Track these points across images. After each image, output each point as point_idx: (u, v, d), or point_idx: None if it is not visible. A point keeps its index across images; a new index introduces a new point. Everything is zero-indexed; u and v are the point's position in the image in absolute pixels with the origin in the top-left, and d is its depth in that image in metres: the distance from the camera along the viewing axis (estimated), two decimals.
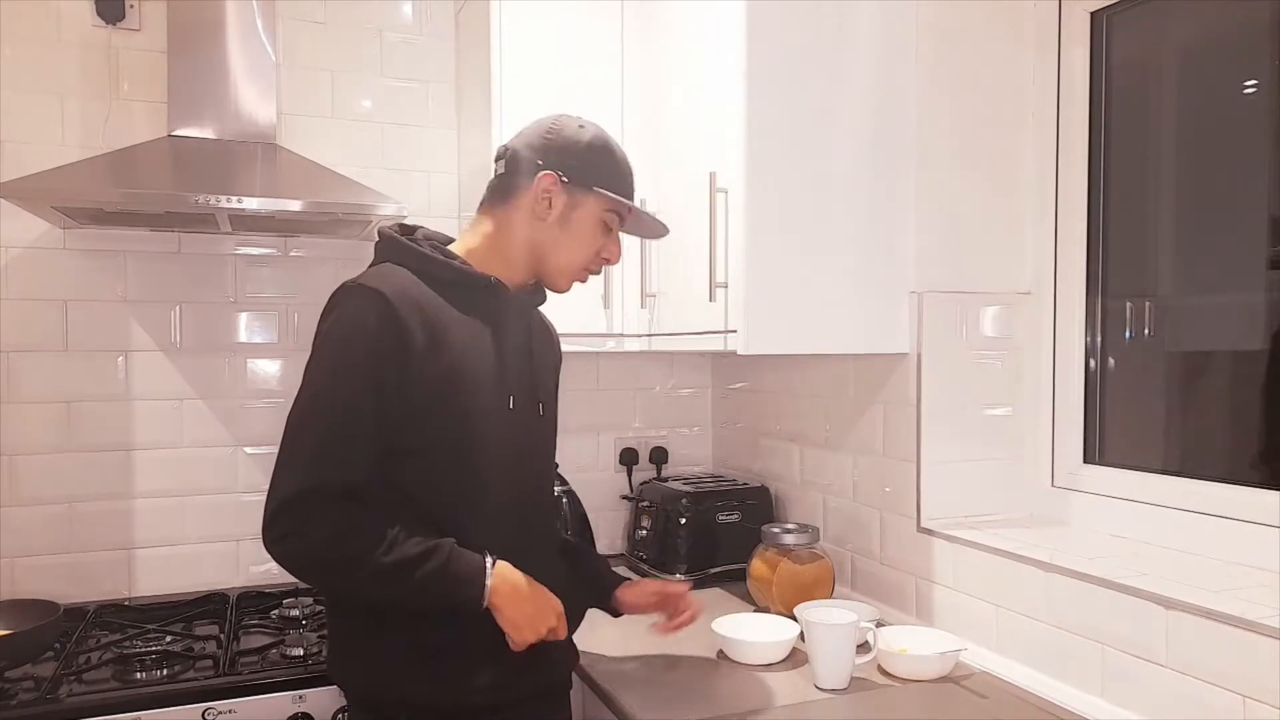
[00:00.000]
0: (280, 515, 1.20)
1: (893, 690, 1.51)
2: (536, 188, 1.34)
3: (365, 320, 1.23)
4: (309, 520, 1.20)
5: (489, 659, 1.29)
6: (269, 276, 2.25)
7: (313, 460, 1.22)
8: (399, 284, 1.27)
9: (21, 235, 2.05)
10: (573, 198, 1.34)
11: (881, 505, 1.89)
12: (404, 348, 1.23)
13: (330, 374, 1.24)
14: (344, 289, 1.27)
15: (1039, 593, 1.53)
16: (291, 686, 1.67)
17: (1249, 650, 1.20)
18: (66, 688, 1.61)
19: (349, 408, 1.22)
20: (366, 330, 1.22)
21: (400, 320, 1.23)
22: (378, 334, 1.22)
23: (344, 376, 1.23)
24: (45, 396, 2.07)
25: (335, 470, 1.22)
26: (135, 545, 2.14)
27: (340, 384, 1.23)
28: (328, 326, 1.26)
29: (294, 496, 1.20)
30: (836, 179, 1.71)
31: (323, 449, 1.22)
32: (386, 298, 1.23)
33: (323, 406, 1.23)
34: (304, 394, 1.25)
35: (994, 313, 1.81)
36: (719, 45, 1.72)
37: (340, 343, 1.24)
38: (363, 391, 1.22)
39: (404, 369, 1.23)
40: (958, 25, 1.78)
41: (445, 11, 2.39)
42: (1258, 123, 1.52)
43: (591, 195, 1.34)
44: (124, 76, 2.12)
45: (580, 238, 1.36)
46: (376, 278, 1.27)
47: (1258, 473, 1.48)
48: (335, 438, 1.22)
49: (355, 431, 1.22)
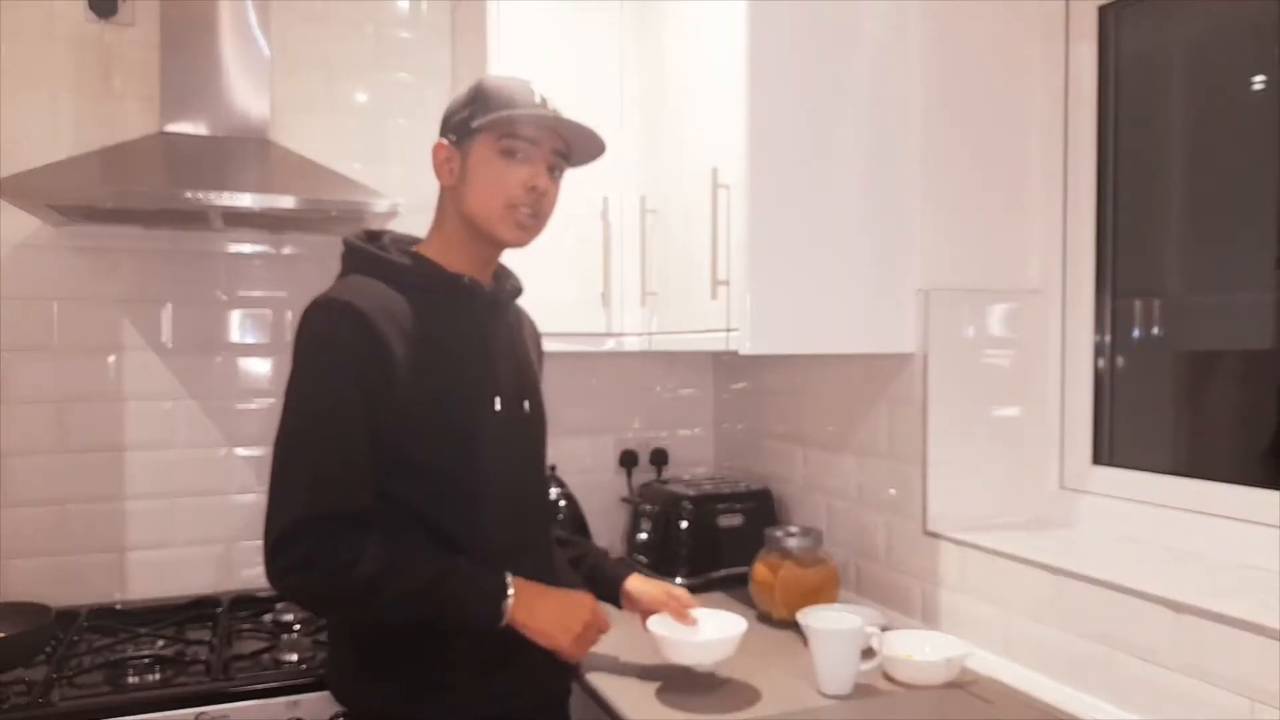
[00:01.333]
0: (280, 549, 1.18)
1: (897, 696, 1.49)
2: (436, 162, 1.34)
3: (341, 336, 1.20)
4: (312, 554, 1.17)
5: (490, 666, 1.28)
6: (261, 274, 2.23)
7: (308, 489, 1.19)
8: (371, 295, 1.24)
9: (12, 232, 2.04)
10: (463, 150, 1.31)
11: (886, 508, 1.86)
12: (384, 360, 1.21)
13: (314, 397, 1.21)
14: (315, 305, 1.23)
15: (1046, 597, 1.51)
16: (285, 692, 1.66)
17: (1257, 654, 1.19)
18: (59, 692, 1.61)
19: (340, 431, 1.20)
20: (344, 347, 1.20)
21: (377, 333, 1.21)
22: (357, 350, 1.20)
23: (328, 398, 1.20)
24: (36, 396, 2.06)
25: (334, 498, 1.19)
26: (127, 548, 2.12)
27: (326, 407, 1.20)
28: (303, 345, 1.23)
29: (292, 529, 1.17)
30: (840, 174, 1.69)
31: (317, 477, 1.19)
32: (361, 311, 1.21)
33: (310, 431, 1.21)
34: (290, 418, 1.22)
35: (1001, 311, 1.78)
36: (721, 40, 1.70)
37: (319, 363, 1.22)
38: (351, 412, 1.20)
39: (388, 382, 1.21)
40: (963, 20, 1.76)
41: (441, 6, 2.37)
42: (1267, 119, 1.51)
43: (477, 136, 1.30)
44: (116, 72, 2.10)
45: (485, 177, 1.30)
46: (348, 291, 1.24)
47: (1269, 474, 1.46)
48: (330, 464, 1.20)
49: (347, 455, 1.20)
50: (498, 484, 1.31)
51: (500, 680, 1.29)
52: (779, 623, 1.83)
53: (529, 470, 1.40)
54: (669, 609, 1.53)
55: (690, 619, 1.53)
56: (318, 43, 2.26)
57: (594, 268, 2.06)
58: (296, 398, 1.22)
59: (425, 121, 2.35)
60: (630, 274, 2.07)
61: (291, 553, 1.17)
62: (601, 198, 2.06)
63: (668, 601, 1.53)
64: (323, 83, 2.27)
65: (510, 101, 1.28)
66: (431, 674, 1.26)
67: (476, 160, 1.30)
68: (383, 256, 1.31)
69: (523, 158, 1.29)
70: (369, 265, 1.30)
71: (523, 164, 1.29)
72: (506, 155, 1.29)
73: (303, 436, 1.21)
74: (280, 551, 1.17)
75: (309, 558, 1.17)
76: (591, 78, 2.07)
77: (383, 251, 1.32)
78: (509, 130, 1.28)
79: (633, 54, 2.09)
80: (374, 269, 1.30)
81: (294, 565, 1.17)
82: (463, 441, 1.27)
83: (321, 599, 1.25)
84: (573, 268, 2.00)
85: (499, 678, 1.29)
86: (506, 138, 1.29)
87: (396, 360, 1.22)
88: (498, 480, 1.31)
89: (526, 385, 1.40)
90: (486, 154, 1.29)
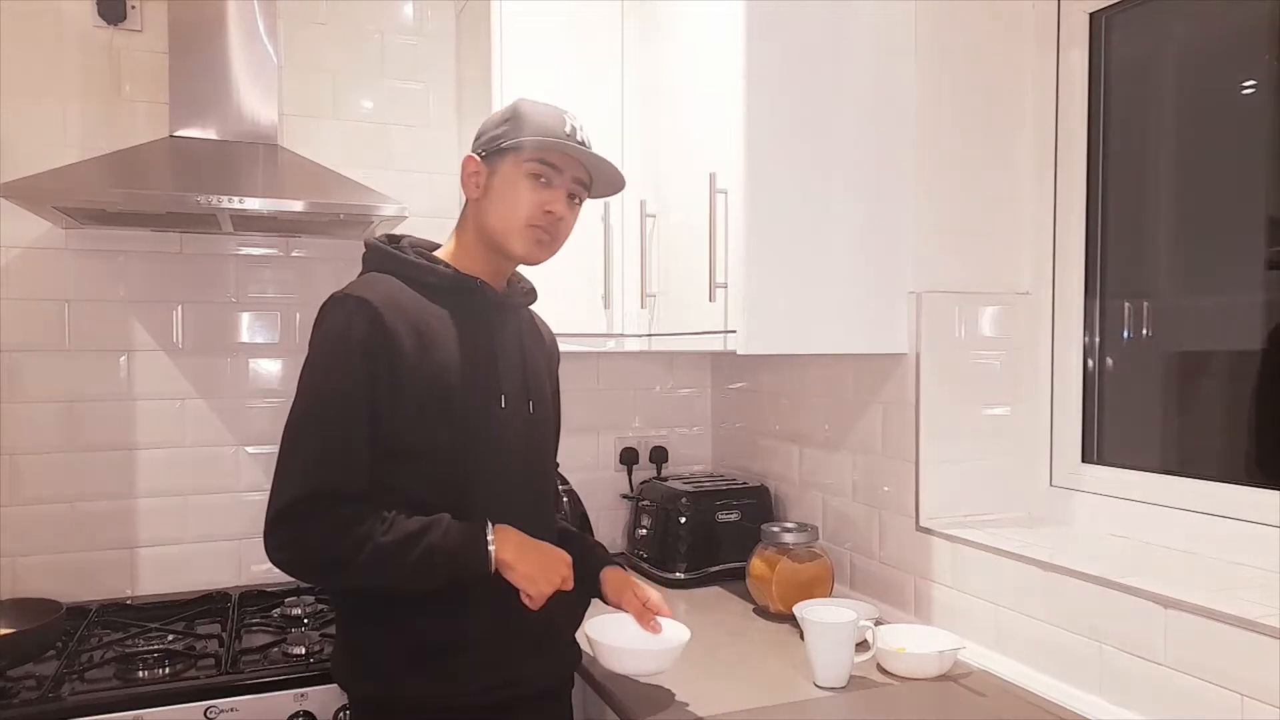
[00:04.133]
0: (278, 524, 1.22)
1: (891, 689, 1.51)
2: (464, 175, 1.38)
3: (353, 328, 1.25)
4: (307, 527, 1.22)
5: (493, 657, 1.30)
6: (270, 277, 2.26)
7: (308, 469, 1.23)
8: (385, 291, 1.30)
9: (23, 235, 2.06)
10: (492, 167, 1.35)
11: (880, 504, 1.89)
12: (393, 353, 1.25)
13: (323, 383, 1.26)
14: (332, 300, 1.29)
15: (1038, 592, 1.53)
16: (293, 685, 1.67)
17: (1247, 649, 1.20)
18: (69, 686, 1.62)
19: (343, 415, 1.24)
20: (355, 338, 1.25)
21: (387, 326, 1.25)
22: (366, 341, 1.25)
23: (336, 385, 1.25)
24: (47, 396, 2.08)
25: (331, 477, 1.23)
26: (137, 544, 2.15)
27: (333, 392, 1.25)
28: (318, 337, 1.28)
29: (290, 505, 1.22)
30: (836, 180, 1.71)
31: (318, 457, 1.24)
32: (373, 305, 1.26)
33: (317, 415, 1.25)
34: (298, 404, 1.27)
35: (993, 313, 1.81)
36: (719, 45, 1.73)
37: (330, 352, 1.26)
38: (356, 399, 1.24)
39: (394, 374, 1.25)
40: (957, 26, 1.79)
41: (446, 12, 2.40)
42: (1256, 123, 1.52)
43: (506, 155, 1.34)
44: (125, 77, 2.12)
45: (507, 196, 1.34)
46: (363, 287, 1.30)
47: (1257, 472, 1.49)
48: (331, 446, 1.24)
49: (350, 438, 1.24)
50: (496, 478, 1.33)
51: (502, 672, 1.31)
52: (775, 616, 1.86)
53: (529, 468, 1.42)
54: (631, 608, 1.45)
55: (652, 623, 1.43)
56: (324, 49, 2.29)
57: (595, 270, 2.09)
58: (306, 385, 1.27)
59: (430, 127, 2.39)
60: (630, 276, 2.09)
61: (287, 528, 1.22)
62: (602, 202, 2.09)
63: (630, 599, 1.45)
64: (330, 88, 2.30)
65: (543, 128, 1.32)
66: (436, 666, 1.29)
67: (503, 179, 1.34)
68: (399, 255, 1.36)
69: (546, 182, 1.34)
70: (386, 263, 1.36)
71: (545, 189, 1.34)
72: (532, 178, 1.33)
73: (307, 420, 1.25)
74: (277, 527, 1.22)
75: (303, 533, 1.22)
76: (592, 82, 2.10)
77: (400, 252, 1.37)
78: (538, 155, 1.33)
79: (633, 57, 2.12)
80: (390, 267, 1.35)
81: (288, 540, 1.22)
82: (465, 435, 1.30)
83: (312, 566, 1.28)
84: (574, 270, 2.01)
85: (502, 670, 1.31)
86: (534, 162, 1.33)
87: (404, 353, 1.26)
88: (496, 474, 1.34)
89: (533, 387, 1.43)
90: (514, 174, 1.34)
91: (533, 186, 1.34)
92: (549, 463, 1.52)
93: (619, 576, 1.50)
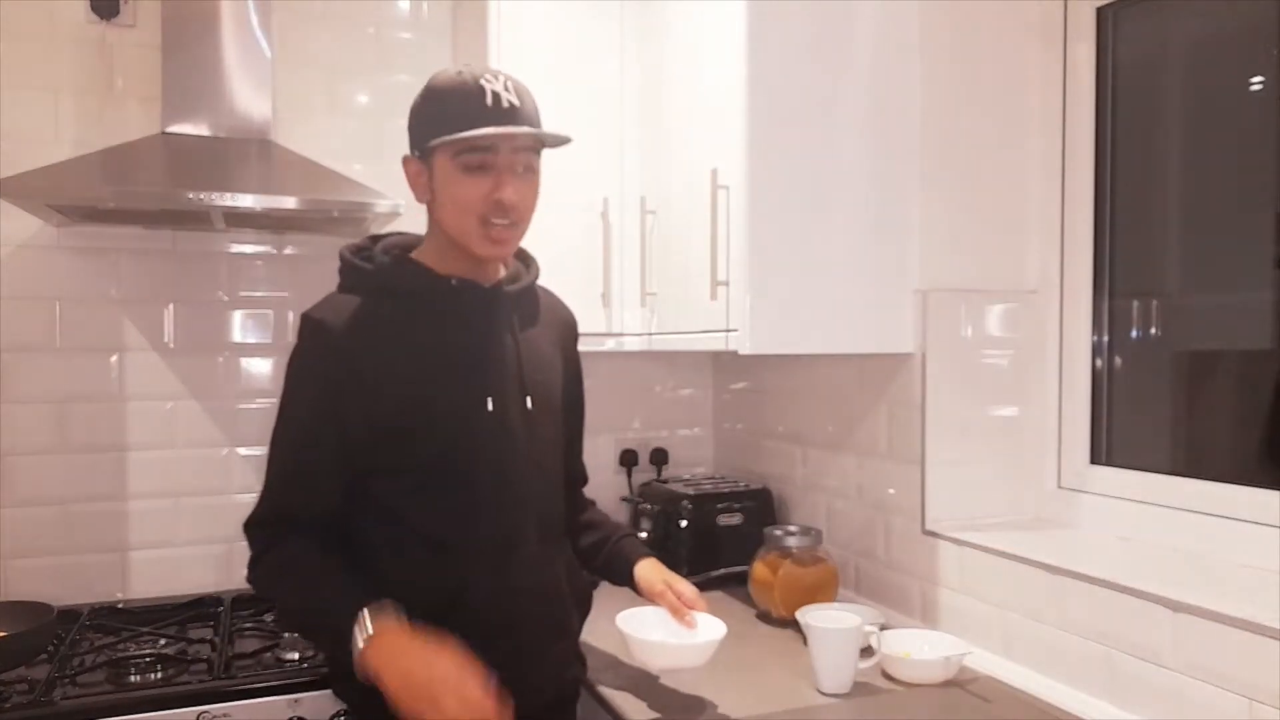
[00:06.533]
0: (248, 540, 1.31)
1: (896, 695, 1.49)
2: (409, 180, 1.33)
3: (310, 353, 1.28)
4: (264, 551, 1.30)
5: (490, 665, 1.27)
6: (263, 275, 2.24)
7: (271, 491, 1.30)
8: (345, 311, 1.28)
9: (14, 233, 2.04)
10: (426, 166, 1.28)
11: (885, 507, 1.87)
12: (352, 374, 1.25)
13: (287, 406, 1.30)
14: (302, 318, 1.31)
15: (1045, 596, 1.51)
16: (287, 691, 1.66)
17: (1256, 653, 1.19)
18: (60, 690, 1.60)
19: (303, 440, 1.27)
20: (312, 362, 1.27)
21: (341, 349, 1.25)
22: (319, 366, 1.26)
23: (295, 411, 1.29)
24: (38, 396, 2.06)
25: (290, 501, 1.28)
26: (129, 547, 2.13)
27: (292, 419, 1.29)
28: (290, 358, 1.31)
29: (252, 524, 1.30)
30: (839, 176, 1.69)
31: (279, 481, 1.29)
32: (328, 328, 1.26)
33: (280, 437, 1.30)
34: (275, 422, 1.31)
35: (999, 311, 1.79)
36: (720, 41, 1.71)
37: (294, 376, 1.30)
38: (314, 425, 1.27)
39: (359, 394, 1.25)
40: (962, 22, 1.77)
41: (442, 7, 2.37)
42: (1264, 120, 1.51)
43: (434, 153, 1.25)
44: (118, 73, 2.10)
45: (451, 196, 1.25)
46: (323, 307, 1.30)
47: (1267, 473, 1.47)
48: (287, 470, 1.29)
49: (309, 463, 1.28)
50: (485, 482, 1.30)
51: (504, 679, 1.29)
52: (778, 621, 1.84)
53: (527, 467, 1.36)
54: (665, 602, 1.44)
55: (688, 619, 1.42)
56: (319, 43, 2.26)
57: (594, 268, 2.06)
58: (280, 405, 1.31)
59: None
60: (630, 274, 2.07)
61: (251, 546, 1.31)
62: (602, 198, 2.07)
63: (664, 594, 1.44)
64: (324, 83, 2.27)
65: (461, 111, 1.21)
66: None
67: (442, 180, 1.26)
68: (364, 268, 1.32)
69: (485, 169, 1.24)
70: (353, 279, 1.33)
71: (486, 176, 1.24)
72: (468, 171, 1.24)
73: (275, 441, 1.30)
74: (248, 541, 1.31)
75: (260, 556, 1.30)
76: (592, 78, 2.07)
77: (367, 263, 1.32)
78: (465, 146, 1.23)
79: (633, 54, 2.09)
80: (357, 282, 1.32)
81: (251, 559, 1.31)
82: (447, 442, 1.28)
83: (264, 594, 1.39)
84: (573, 268, 2.00)
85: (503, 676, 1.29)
86: (465, 154, 1.23)
87: (366, 374, 1.25)
88: (486, 478, 1.30)
89: (532, 381, 1.36)
90: (449, 172, 1.25)
91: (473, 180, 1.24)
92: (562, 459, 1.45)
93: (653, 572, 1.49)
